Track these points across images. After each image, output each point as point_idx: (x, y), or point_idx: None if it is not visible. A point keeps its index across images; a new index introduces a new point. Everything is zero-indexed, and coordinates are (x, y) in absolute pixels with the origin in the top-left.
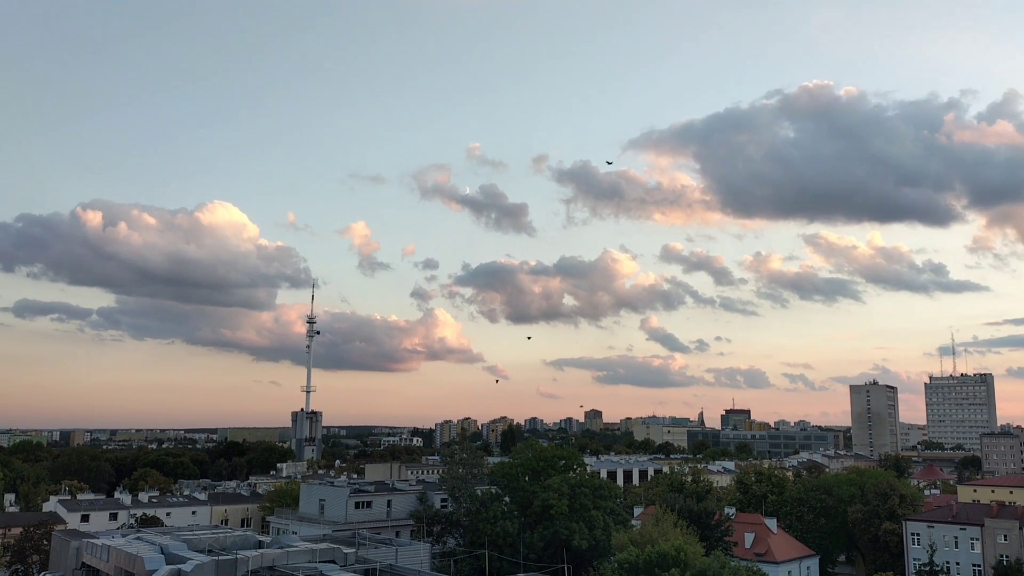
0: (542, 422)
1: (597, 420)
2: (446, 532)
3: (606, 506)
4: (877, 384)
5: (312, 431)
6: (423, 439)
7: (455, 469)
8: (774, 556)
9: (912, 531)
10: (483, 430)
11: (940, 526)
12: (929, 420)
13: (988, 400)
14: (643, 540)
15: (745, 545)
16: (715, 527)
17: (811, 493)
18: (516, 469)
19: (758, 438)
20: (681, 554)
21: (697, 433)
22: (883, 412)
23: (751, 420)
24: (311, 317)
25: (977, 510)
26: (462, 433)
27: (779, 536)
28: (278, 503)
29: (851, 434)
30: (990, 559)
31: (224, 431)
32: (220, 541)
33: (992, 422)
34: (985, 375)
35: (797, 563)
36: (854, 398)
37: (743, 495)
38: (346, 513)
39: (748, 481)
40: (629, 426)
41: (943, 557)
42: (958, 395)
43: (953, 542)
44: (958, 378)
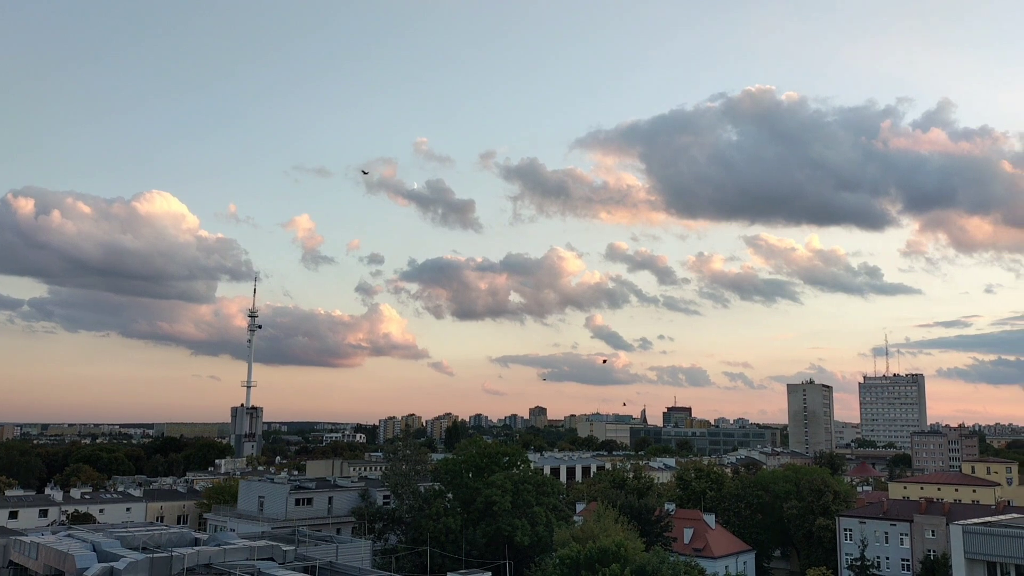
0: (487, 419)
1: (541, 417)
2: (388, 529)
3: (549, 502)
4: (813, 383)
5: (252, 427)
6: (366, 436)
7: (398, 466)
8: (712, 551)
9: (845, 527)
10: (427, 426)
11: (871, 522)
12: (863, 419)
13: (919, 400)
14: (585, 536)
15: (684, 541)
16: (655, 523)
17: (748, 490)
18: (460, 466)
19: (699, 435)
20: (622, 550)
21: (640, 430)
22: (818, 411)
23: (692, 418)
24: (252, 311)
25: (907, 507)
26: (406, 429)
27: (717, 531)
28: (216, 500)
29: (788, 432)
30: (918, 554)
31: (161, 426)
32: (155, 539)
33: (922, 421)
34: (916, 375)
35: (734, 558)
36: (791, 397)
37: (683, 491)
38: (286, 510)
39: (688, 478)
40: (573, 423)
41: (874, 552)
42: (890, 395)
43: (883, 537)
44: (890, 378)
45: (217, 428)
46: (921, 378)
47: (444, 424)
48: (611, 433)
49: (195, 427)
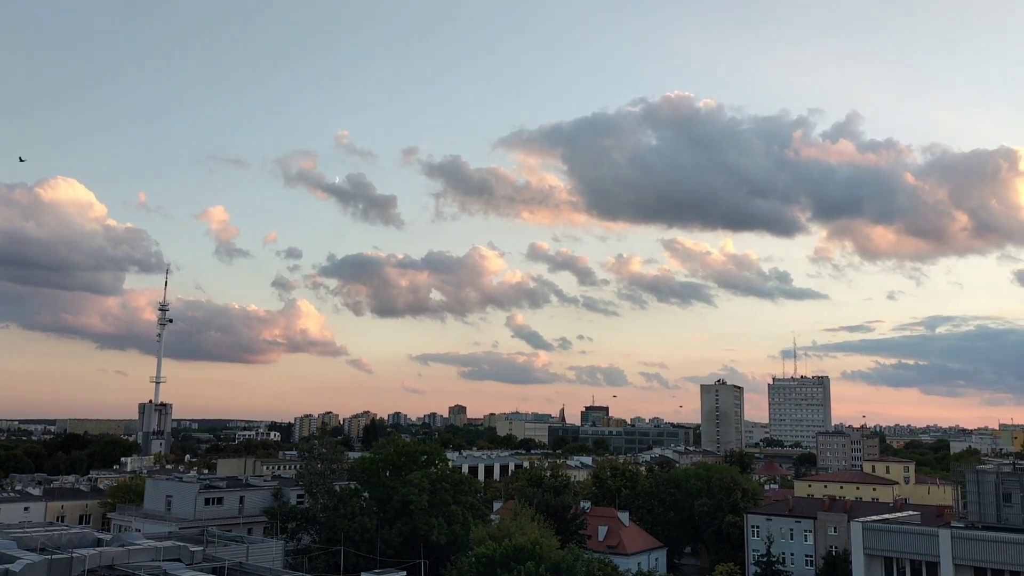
0: (406, 417)
1: (461, 416)
2: (301, 529)
3: (466, 501)
4: (725, 384)
5: (161, 424)
6: (281, 434)
7: (313, 464)
8: (625, 548)
9: (752, 523)
10: (345, 425)
11: (777, 519)
12: (771, 419)
13: (824, 401)
14: (501, 534)
15: (599, 538)
16: (571, 521)
17: (662, 487)
18: (377, 464)
19: (615, 434)
20: (537, 547)
21: (558, 429)
22: (730, 411)
23: (609, 417)
24: (163, 304)
25: (811, 504)
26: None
27: (631, 529)
28: (121, 499)
29: (701, 431)
30: (821, 549)
31: (64, 422)
32: (54, 539)
33: (827, 422)
34: (822, 377)
35: (646, 555)
36: (704, 397)
37: (599, 489)
38: (195, 510)
39: (604, 476)
40: (492, 422)
41: (779, 548)
42: (797, 396)
43: (789, 534)
44: (798, 380)
45: (124, 425)
46: (826, 380)
47: (362, 422)
48: (530, 432)
49: (100, 424)
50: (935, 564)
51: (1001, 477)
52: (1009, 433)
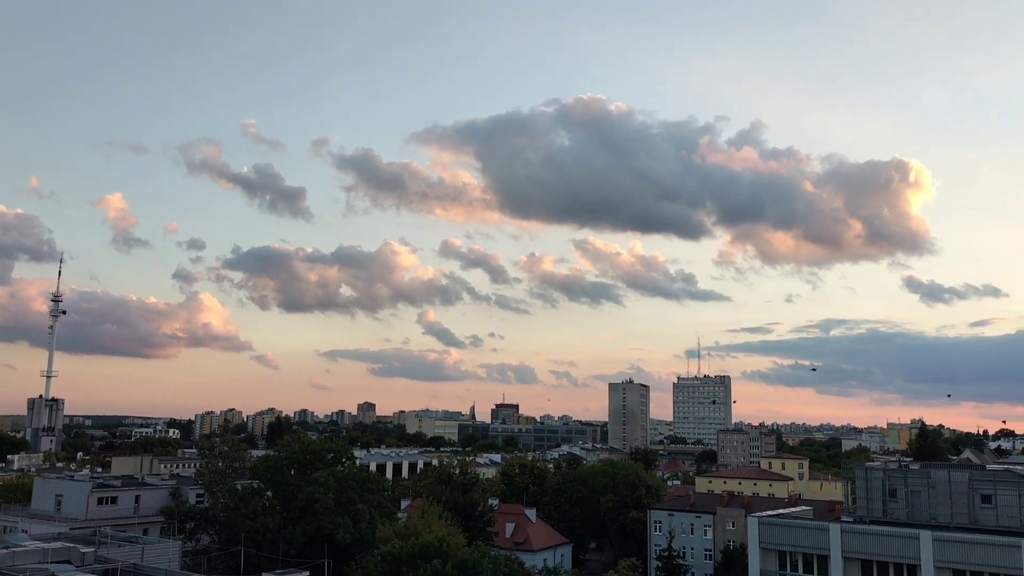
0: (313, 414)
1: (370, 413)
2: (200, 529)
3: (373, 499)
4: (632, 383)
5: (52, 420)
6: (181, 431)
7: (214, 463)
8: (532, 545)
9: (655, 519)
10: (249, 422)
11: (679, 514)
12: (675, 417)
13: (726, 399)
14: (408, 532)
15: (506, 535)
16: (478, 518)
17: (569, 484)
18: (281, 463)
19: (525, 432)
20: (444, 545)
21: (468, 427)
22: (636, 409)
23: (519, 414)
24: (56, 295)
25: (711, 500)
26: (225, 425)
27: (537, 525)
28: (7, 499)
29: (608, 429)
30: (720, 544)
31: None
32: None
33: (728, 420)
34: (724, 377)
35: (552, 551)
36: (612, 395)
37: (507, 487)
38: (87, 509)
39: (512, 473)
40: (402, 419)
41: (680, 543)
42: (701, 394)
43: (690, 529)
44: (701, 379)
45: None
46: (728, 379)
47: (267, 420)
48: (440, 429)
49: None
50: (825, 557)
51: (887, 474)
52: (896, 431)
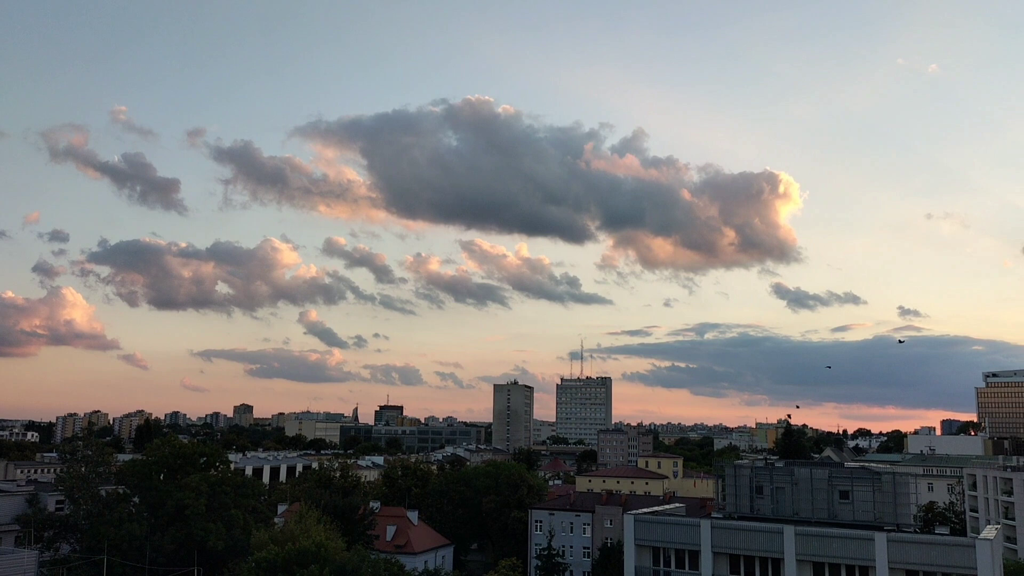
0: (185, 417)
1: (247, 415)
2: (60, 537)
3: (248, 504)
4: (517, 384)
5: None
6: (40, 434)
7: (76, 467)
8: (413, 547)
9: (536, 518)
10: (115, 425)
11: (560, 513)
12: (558, 417)
13: (606, 400)
14: (284, 538)
15: (387, 538)
16: (359, 521)
17: (452, 485)
18: (150, 467)
19: (409, 433)
20: (321, 550)
21: (351, 428)
22: (520, 410)
23: (404, 416)
24: None
25: (590, 499)
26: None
27: (419, 528)
28: None
29: (492, 430)
30: (598, 542)
31: None
32: None
33: (608, 420)
34: (605, 379)
35: (433, 553)
36: (497, 396)
37: (389, 489)
38: None
39: (395, 475)
40: (281, 421)
41: (560, 541)
42: (583, 395)
43: (569, 527)
44: (584, 380)
45: None
46: (609, 381)
47: (135, 422)
48: (321, 432)
49: None
50: (697, 552)
51: (755, 471)
52: (764, 431)
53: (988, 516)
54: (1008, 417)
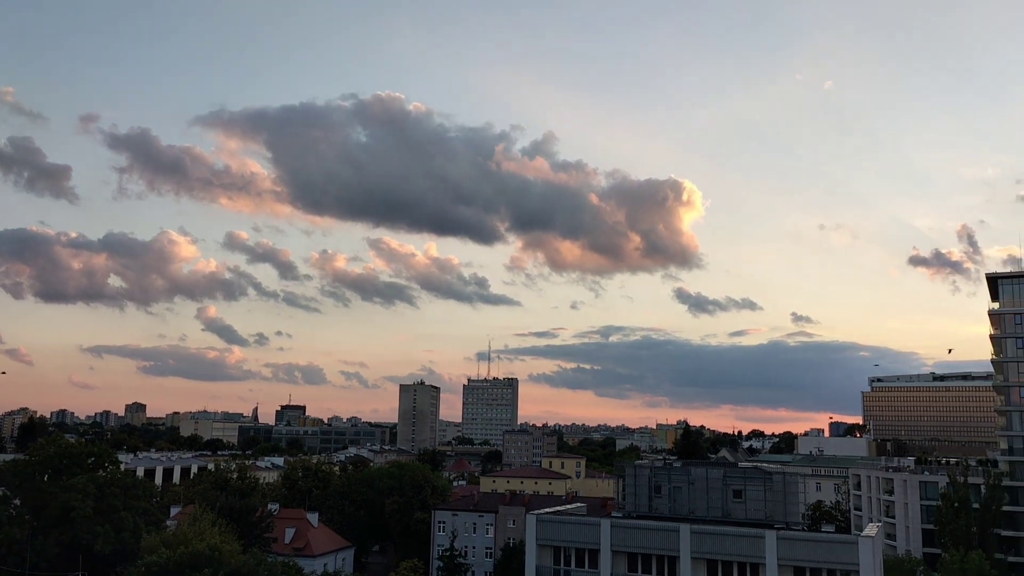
0: (73, 415)
1: (140, 414)
2: None
3: (139, 506)
4: (424, 384)
5: None
6: None
7: None
8: (312, 550)
9: (439, 519)
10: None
11: (463, 514)
12: (464, 418)
13: (513, 401)
14: (177, 541)
15: (285, 540)
16: (256, 524)
17: (354, 486)
18: (33, 467)
19: (311, 434)
20: (216, 553)
21: (250, 429)
22: (426, 410)
23: (306, 416)
24: None
25: (494, 499)
26: None
27: (319, 530)
28: None
29: (397, 430)
30: (500, 542)
31: None
32: None
33: (514, 421)
34: (512, 380)
35: (334, 555)
36: (403, 396)
37: (289, 490)
38: None
39: (295, 476)
40: (176, 421)
41: (463, 542)
42: (489, 396)
43: (472, 528)
44: (491, 381)
45: None
46: (516, 382)
47: (18, 420)
48: (218, 432)
49: None
50: (596, 551)
51: (654, 471)
52: (664, 432)
53: (871, 514)
54: (891, 420)
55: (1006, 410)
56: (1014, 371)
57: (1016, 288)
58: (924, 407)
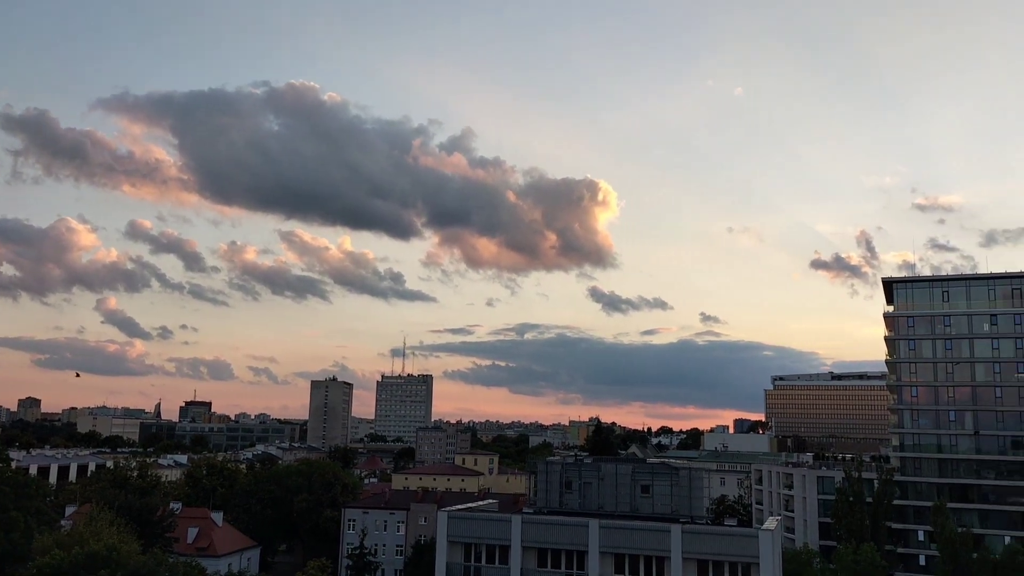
0: None
1: (33, 409)
2: None
3: (31, 506)
4: (336, 380)
5: None
6: None
7: None
8: (216, 550)
9: (349, 517)
10: None
11: (374, 512)
12: (378, 415)
13: (427, 398)
14: (72, 541)
15: (188, 540)
16: (157, 523)
17: (261, 485)
18: None
19: (217, 431)
20: (114, 553)
21: (152, 425)
22: (338, 407)
23: (212, 413)
24: None
25: (406, 496)
26: None
27: (224, 529)
28: None
29: (308, 427)
30: (412, 539)
31: None
32: None
33: (428, 418)
34: (427, 376)
35: (239, 555)
36: (314, 393)
37: (193, 489)
38: None
39: (199, 475)
40: (73, 417)
41: (374, 540)
42: (403, 392)
43: (383, 526)
44: (405, 378)
45: None
46: (430, 378)
47: None
48: (118, 428)
49: None
50: (507, 547)
51: (565, 468)
52: (577, 428)
53: (772, 508)
54: (792, 417)
55: (898, 408)
56: (906, 371)
57: (909, 292)
58: (823, 405)
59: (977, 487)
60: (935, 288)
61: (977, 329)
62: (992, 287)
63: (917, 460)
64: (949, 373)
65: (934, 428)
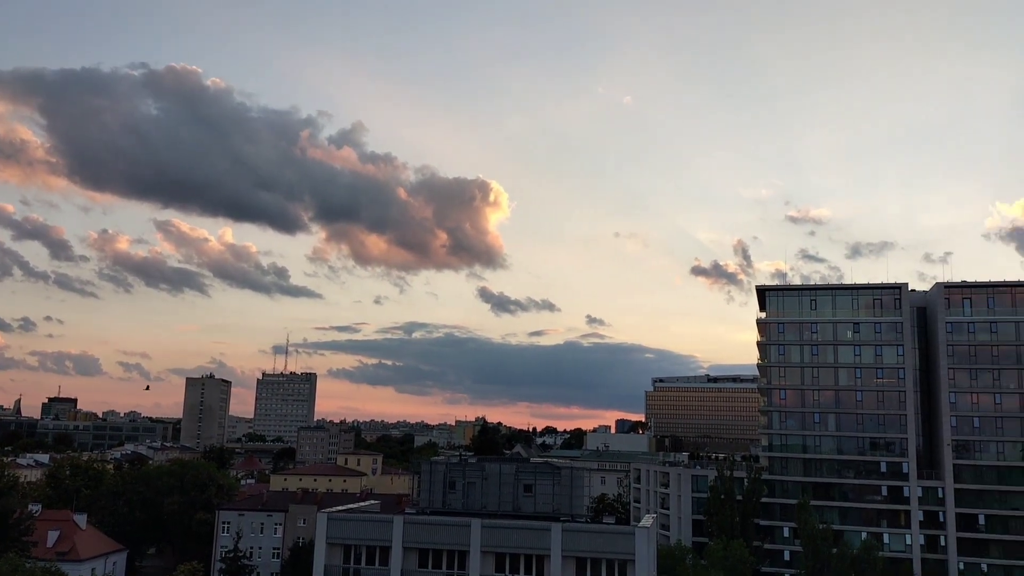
0: None
1: None
2: None
3: None
4: (213, 378)
5: None
6: None
7: None
8: (79, 554)
9: (224, 519)
10: None
11: (250, 514)
12: (257, 414)
13: (310, 397)
14: None
15: (48, 544)
16: (13, 526)
17: (130, 485)
18: None
19: (82, 429)
20: None
21: (11, 423)
22: (215, 405)
23: (78, 410)
24: None
25: (284, 498)
26: None
27: (87, 532)
28: None
29: (182, 426)
30: (289, 542)
31: None
32: None
33: (311, 417)
34: (310, 374)
35: (103, 559)
36: (189, 390)
37: (55, 490)
38: None
39: (62, 475)
40: None
41: (250, 542)
42: (285, 391)
43: (260, 528)
44: (287, 375)
45: None
46: (314, 376)
47: None
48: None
49: None
50: (388, 548)
51: (449, 467)
52: (463, 428)
53: (649, 506)
54: (670, 418)
55: (768, 410)
56: (776, 375)
57: (780, 300)
58: (699, 406)
59: (838, 486)
60: (804, 297)
61: (841, 336)
62: (856, 297)
63: (784, 460)
64: (815, 377)
65: (800, 429)
